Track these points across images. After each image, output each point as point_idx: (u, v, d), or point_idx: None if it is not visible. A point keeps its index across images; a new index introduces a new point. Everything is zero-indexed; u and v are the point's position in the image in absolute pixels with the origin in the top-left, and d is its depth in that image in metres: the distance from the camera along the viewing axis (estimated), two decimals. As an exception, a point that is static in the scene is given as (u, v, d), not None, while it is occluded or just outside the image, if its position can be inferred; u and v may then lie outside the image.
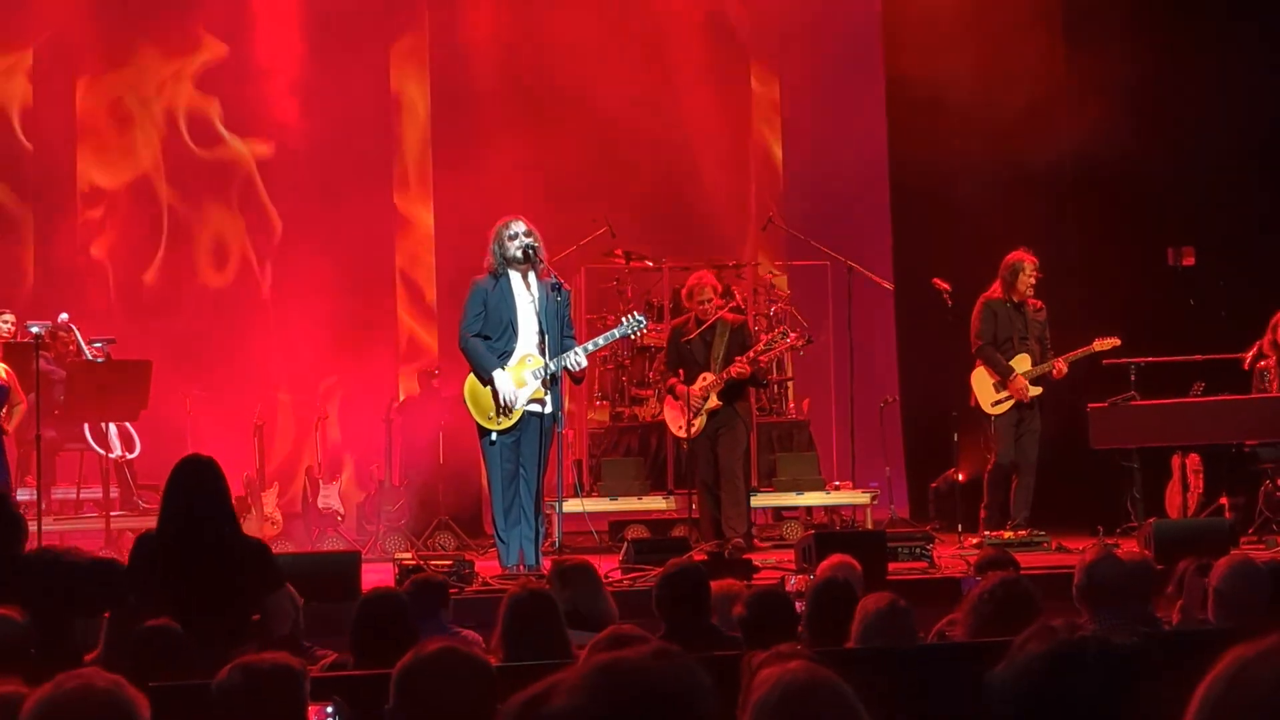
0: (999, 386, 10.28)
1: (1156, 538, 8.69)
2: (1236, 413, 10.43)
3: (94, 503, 10.72)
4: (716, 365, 10.08)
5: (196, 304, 12.91)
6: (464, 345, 8.61)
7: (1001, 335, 10.28)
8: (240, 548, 5.88)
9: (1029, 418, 10.30)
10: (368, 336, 12.68)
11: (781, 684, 2.45)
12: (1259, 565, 5.28)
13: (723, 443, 10.07)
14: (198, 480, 5.87)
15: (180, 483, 5.89)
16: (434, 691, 3.09)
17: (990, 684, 2.27)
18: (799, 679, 2.45)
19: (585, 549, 9.81)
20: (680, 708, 1.63)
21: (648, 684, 1.62)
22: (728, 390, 10.07)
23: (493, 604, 5.31)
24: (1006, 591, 4.73)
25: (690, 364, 10.12)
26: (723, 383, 10.02)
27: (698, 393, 10.03)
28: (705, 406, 10.05)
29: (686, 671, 1.69)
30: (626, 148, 13.01)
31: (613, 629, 3.93)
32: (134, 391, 10.41)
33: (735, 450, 10.10)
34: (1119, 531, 10.45)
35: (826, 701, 2.43)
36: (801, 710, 2.42)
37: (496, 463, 8.50)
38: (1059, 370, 10.24)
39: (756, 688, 2.46)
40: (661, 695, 1.63)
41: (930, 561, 8.86)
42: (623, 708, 1.60)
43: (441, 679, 3.10)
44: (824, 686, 2.45)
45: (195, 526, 5.80)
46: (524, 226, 8.53)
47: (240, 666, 3.51)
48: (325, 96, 12.87)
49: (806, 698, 2.43)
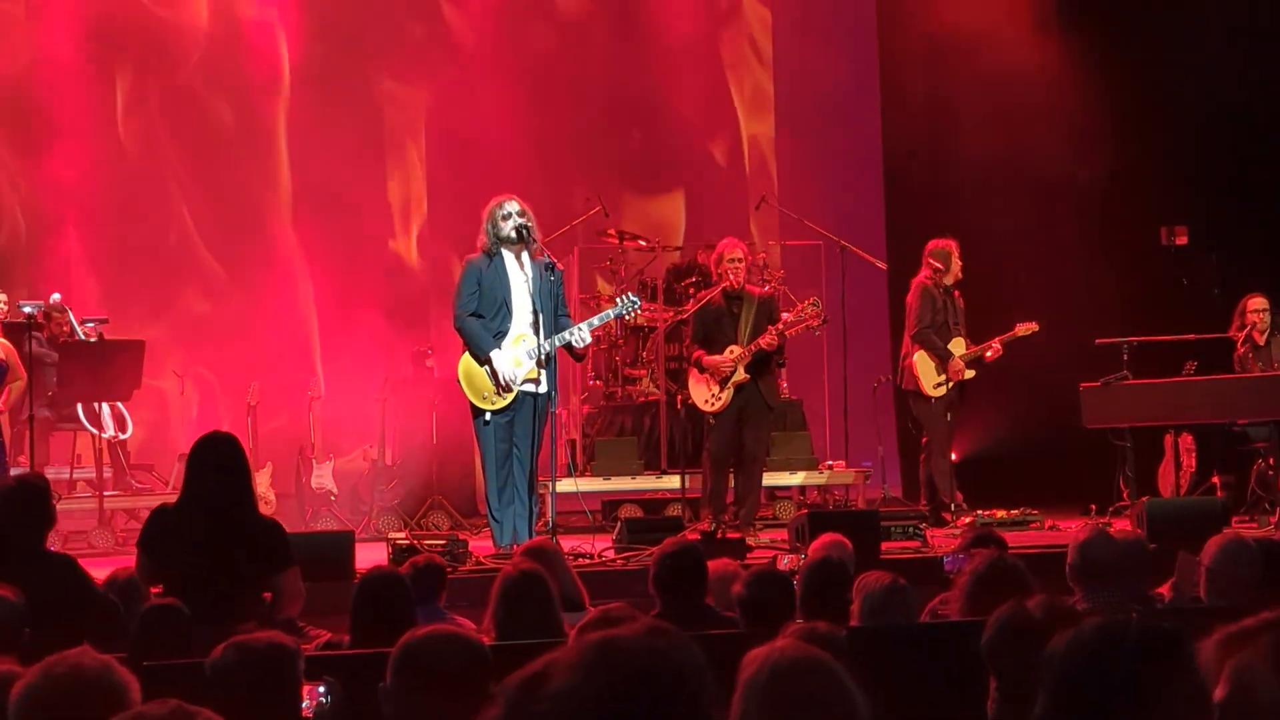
0: (940, 369, 10.38)
1: (1149, 517, 8.70)
2: (1229, 392, 10.45)
3: (87, 482, 10.71)
4: (744, 338, 9.98)
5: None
6: (459, 325, 8.59)
7: (938, 320, 10.40)
8: (255, 526, 5.88)
9: (954, 406, 10.47)
10: (360, 317, 12.65)
11: (770, 663, 2.44)
12: (1250, 543, 5.29)
13: (749, 425, 9.92)
14: (217, 457, 5.87)
15: (201, 458, 5.88)
16: (430, 672, 3.10)
17: (1050, 658, 2.27)
18: (788, 658, 2.44)
19: (579, 529, 9.82)
20: (675, 684, 1.64)
21: (642, 660, 1.63)
22: (754, 364, 9.98)
23: (486, 583, 5.31)
24: (995, 570, 4.75)
25: (718, 337, 9.98)
26: (750, 355, 9.94)
27: (727, 363, 9.97)
28: (733, 378, 9.98)
29: (681, 648, 1.69)
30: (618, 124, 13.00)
31: (602, 608, 3.93)
32: (127, 371, 10.39)
33: (763, 437, 10.06)
34: (1111, 511, 10.47)
35: (817, 681, 2.43)
36: (791, 690, 2.41)
37: (491, 442, 8.49)
38: (994, 352, 10.33)
39: (745, 667, 2.46)
40: (657, 671, 1.64)
41: (923, 541, 8.87)
42: (618, 685, 1.61)
43: (438, 660, 3.11)
44: (815, 666, 2.44)
45: (212, 503, 5.79)
46: (517, 206, 8.51)
47: (235, 645, 3.51)
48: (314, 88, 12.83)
49: (796, 677, 2.43)
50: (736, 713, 2.42)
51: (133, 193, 12.73)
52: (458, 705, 3.00)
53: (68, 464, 10.86)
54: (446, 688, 3.07)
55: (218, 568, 5.66)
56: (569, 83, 13.12)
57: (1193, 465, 11.12)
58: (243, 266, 12.82)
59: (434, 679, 3.09)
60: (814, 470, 11.30)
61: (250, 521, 5.89)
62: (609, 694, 1.61)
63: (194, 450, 5.98)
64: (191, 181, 12.87)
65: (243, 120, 12.96)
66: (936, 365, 10.42)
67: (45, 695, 2.71)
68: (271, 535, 5.92)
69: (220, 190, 12.88)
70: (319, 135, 12.74)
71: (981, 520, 9.85)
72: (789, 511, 10.85)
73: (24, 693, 2.72)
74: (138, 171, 12.75)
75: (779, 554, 8.27)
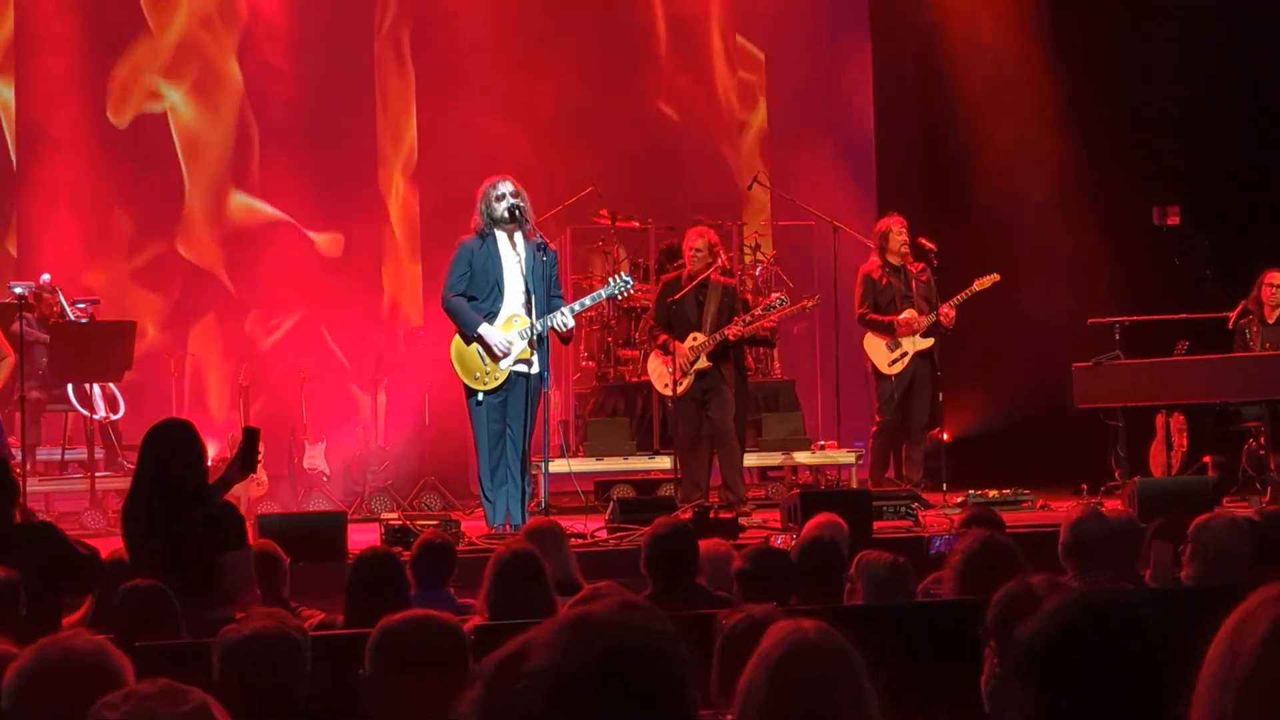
0: (891, 346, 10.38)
1: (1140, 496, 8.73)
2: (1220, 372, 10.46)
3: (78, 464, 10.70)
4: (708, 326, 10.04)
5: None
6: (446, 305, 8.60)
7: (883, 300, 10.42)
8: (202, 509, 5.81)
9: (921, 381, 10.40)
10: (352, 296, 12.65)
11: (787, 642, 2.45)
12: (1240, 521, 5.30)
13: (713, 405, 10.04)
14: (167, 443, 5.83)
15: (151, 446, 5.86)
16: (407, 657, 3.11)
17: (1020, 640, 2.27)
18: (806, 639, 2.45)
19: (571, 509, 9.83)
20: (649, 656, 1.66)
21: (615, 634, 1.64)
22: (716, 352, 10.04)
23: (480, 564, 5.31)
24: (988, 549, 4.76)
25: (681, 322, 10.09)
26: (714, 344, 9.99)
27: (687, 352, 10.00)
28: (695, 366, 10.02)
29: (653, 620, 1.70)
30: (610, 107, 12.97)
31: (591, 588, 3.93)
32: (118, 352, 10.38)
33: (727, 412, 10.10)
34: (1103, 490, 10.49)
35: (830, 664, 2.44)
36: (801, 670, 2.42)
37: (484, 423, 8.50)
38: (946, 316, 10.33)
39: (765, 639, 2.47)
40: (629, 644, 1.66)
41: (915, 520, 8.89)
42: (593, 659, 1.62)
43: (414, 645, 3.12)
44: (831, 650, 2.45)
45: (162, 489, 5.75)
46: (511, 186, 8.51)
47: (238, 628, 3.50)
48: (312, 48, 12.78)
49: (809, 658, 2.43)
50: (747, 682, 2.43)
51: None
52: (436, 688, 3.02)
53: (59, 445, 10.85)
54: (424, 671, 3.08)
55: (169, 550, 5.57)
56: (556, 59, 13.06)
57: (1184, 445, 11.14)
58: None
59: (411, 663, 3.10)
60: (807, 450, 11.32)
61: (199, 504, 5.75)
62: (585, 668, 1.62)
63: (145, 438, 5.90)
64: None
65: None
66: (887, 343, 10.43)
67: (39, 676, 2.71)
68: (219, 517, 5.79)
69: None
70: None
71: (974, 499, 9.87)
72: (782, 492, 10.87)
73: (18, 674, 2.72)
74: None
75: (771, 534, 8.29)
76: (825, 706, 2.42)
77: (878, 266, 10.47)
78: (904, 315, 10.33)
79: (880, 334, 10.45)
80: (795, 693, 2.41)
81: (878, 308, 10.43)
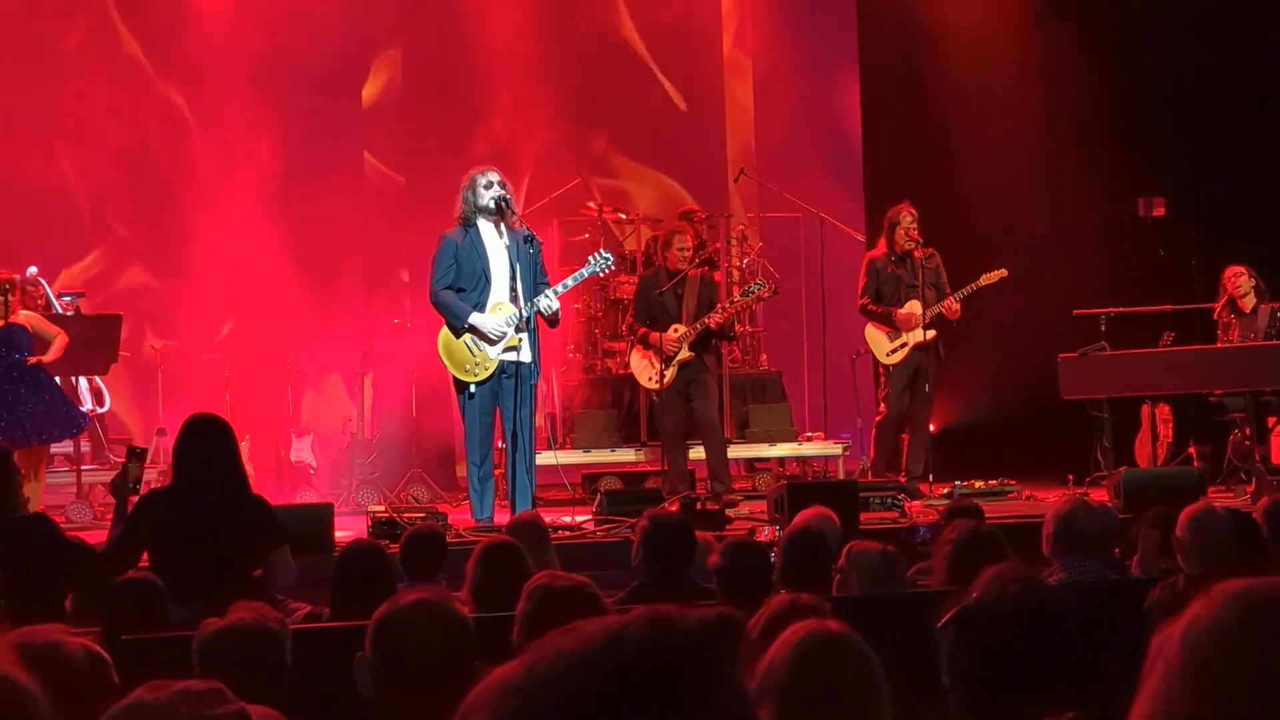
0: (892, 336, 10.36)
1: (1126, 487, 8.75)
2: (1205, 363, 10.49)
3: (65, 457, 10.67)
4: (689, 318, 10.08)
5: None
6: (435, 299, 8.57)
7: (886, 289, 10.35)
8: (248, 508, 5.84)
9: (924, 373, 10.32)
10: (339, 287, 12.62)
11: (801, 635, 2.45)
12: (1220, 511, 5.30)
13: (696, 396, 10.07)
14: (208, 438, 5.82)
15: (189, 440, 5.84)
16: (410, 641, 3.09)
17: (946, 632, 2.29)
18: (823, 637, 2.45)
19: (558, 501, 9.83)
20: (689, 672, 1.53)
21: (651, 651, 1.51)
22: (697, 342, 10.06)
23: (466, 556, 5.31)
24: (976, 540, 4.77)
25: (661, 316, 10.12)
26: (695, 333, 10.01)
27: (673, 340, 10.00)
28: (678, 357, 10.05)
29: (699, 631, 1.61)
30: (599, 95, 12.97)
31: (548, 573, 3.84)
32: (104, 346, 10.35)
33: (711, 402, 10.11)
34: (1089, 481, 10.52)
35: (846, 663, 2.44)
36: (815, 665, 2.43)
37: (475, 415, 8.47)
38: (951, 310, 10.27)
39: (784, 634, 2.47)
40: (666, 661, 1.53)
41: (901, 511, 8.91)
42: (625, 682, 1.49)
43: (418, 630, 3.10)
44: (846, 648, 2.45)
45: (204, 484, 5.75)
46: (498, 176, 8.49)
47: (220, 622, 3.50)
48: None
49: (824, 654, 2.44)
50: (764, 673, 2.43)
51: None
52: (437, 675, 3.00)
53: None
54: (424, 658, 3.06)
55: (211, 552, 5.60)
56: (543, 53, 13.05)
57: (1169, 436, 11.17)
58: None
59: (410, 650, 3.08)
60: (793, 442, 11.33)
61: (243, 503, 5.84)
62: (614, 691, 1.49)
63: (180, 433, 5.92)
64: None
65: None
66: (888, 333, 10.42)
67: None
68: (262, 514, 5.86)
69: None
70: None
71: (960, 490, 9.88)
72: (769, 483, 10.88)
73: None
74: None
75: (758, 526, 8.30)
76: (843, 699, 2.42)
77: (883, 254, 10.40)
78: (905, 310, 10.28)
79: (881, 325, 10.43)
80: (811, 686, 2.42)
81: (881, 296, 10.36)
